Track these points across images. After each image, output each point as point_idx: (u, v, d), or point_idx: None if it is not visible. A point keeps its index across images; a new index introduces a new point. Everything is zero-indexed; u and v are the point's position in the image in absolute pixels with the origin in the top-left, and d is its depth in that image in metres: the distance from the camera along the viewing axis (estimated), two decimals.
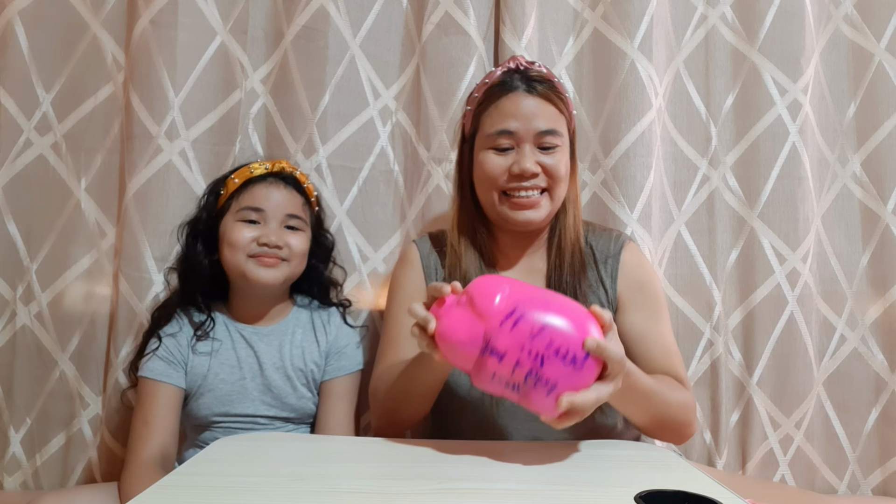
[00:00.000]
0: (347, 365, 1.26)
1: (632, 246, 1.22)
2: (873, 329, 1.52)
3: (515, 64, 1.17)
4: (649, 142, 1.44)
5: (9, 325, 1.39)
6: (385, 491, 0.75)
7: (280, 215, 1.21)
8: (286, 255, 1.20)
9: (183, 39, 1.39)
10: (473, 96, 1.20)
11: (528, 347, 0.81)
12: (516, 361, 0.81)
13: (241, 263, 1.19)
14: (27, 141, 1.41)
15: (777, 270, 1.48)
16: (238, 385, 1.21)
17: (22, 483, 1.39)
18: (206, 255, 1.24)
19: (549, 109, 1.13)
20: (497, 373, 0.82)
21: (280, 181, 1.25)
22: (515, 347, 0.81)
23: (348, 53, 1.46)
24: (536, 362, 0.80)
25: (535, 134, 1.12)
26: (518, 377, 0.82)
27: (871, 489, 1.52)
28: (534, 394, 0.82)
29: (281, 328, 1.26)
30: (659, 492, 0.64)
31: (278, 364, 1.22)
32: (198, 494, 0.72)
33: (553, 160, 1.12)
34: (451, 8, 1.43)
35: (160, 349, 1.20)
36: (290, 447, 0.97)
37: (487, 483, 0.80)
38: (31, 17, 1.41)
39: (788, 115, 1.49)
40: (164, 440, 1.16)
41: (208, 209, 1.27)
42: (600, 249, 1.20)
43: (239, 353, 1.23)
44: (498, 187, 1.14)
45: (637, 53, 1.44)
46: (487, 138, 1.14)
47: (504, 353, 0.81)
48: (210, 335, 1.22)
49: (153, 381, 1.19)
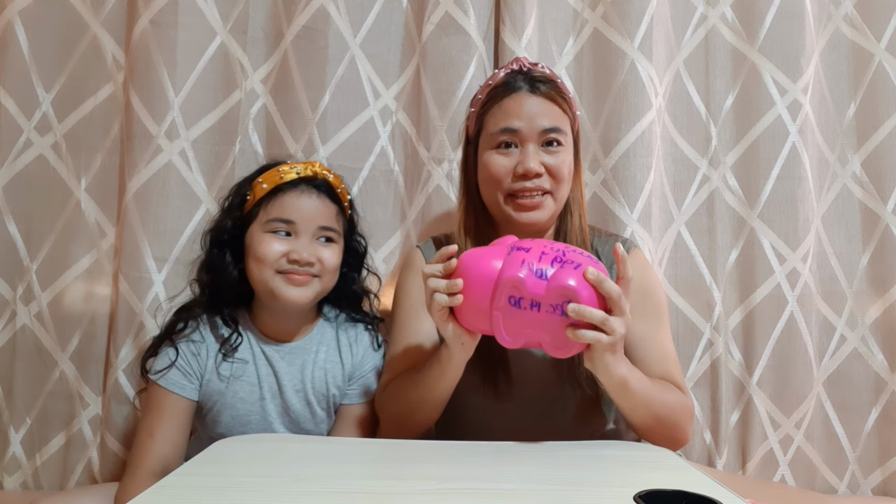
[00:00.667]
0: (370, 391, 1.19)
1: (636, 252, 1.23)
2: (873, 329, 1.52)
3: (518, 65, 1.17)
4: (649, 142, 1.44)
5: (9, 325, 1.39)
6: (385, 491, 0.75)
7: (312, 228, 1.12)
8: (318, 270, 1.11)
9: (183, 39, 1.39)
10: (477, 98, 1.20)
11: (549, 246, 0.92)
12: (541, 251, 0.91)
13: (269, 280, 1.10)
14: (27, 141, 1.41)
15: (777, 270, 1.48)
16: (257, 405, 1.15)
17: (22, 483, 1.39)
18: (234, 265, 1.15)
19: (552, 109, 1.13)
20: (526, 260, 0.89)
21: (313, 189, 1.14)
22: (538, 245, 0.92)
23: (348, 53, 1.46)
24: (559, 252, 0.91)
25: (538, 132, 1.12)
26: (544, 262, 0.89)
27: (871, 489, 1.52)
28: (556, 291, 0.88)
29: (304, 345, 1.18)
30: (658, 492, 0.63)
31: (298, 387, 1.16)
32: (199, 495, 0.72)
33: (557, 160, 1.12)
34: (451, 8, 1.43)
35: (179, 357, 1.13)
36: (291, 448, 0.97)
37: (487, 483, 0.80)
38: (31, 17, 1.41)
39: (788, 115, 1.49)
40: (168, 454, 1.10)
41: (233, 215, 1.16)
42: (606, 254, 1.20)
43: (260, 372, 1.16)
44: (503, 189, 1.13)
45: (637, 53, 1.44)
46: (491, 138, 1.14)
47: (529, 247, 0.91)
48: (236, 351, 1.15)
49: (164, 391, 1.12)
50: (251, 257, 1.12)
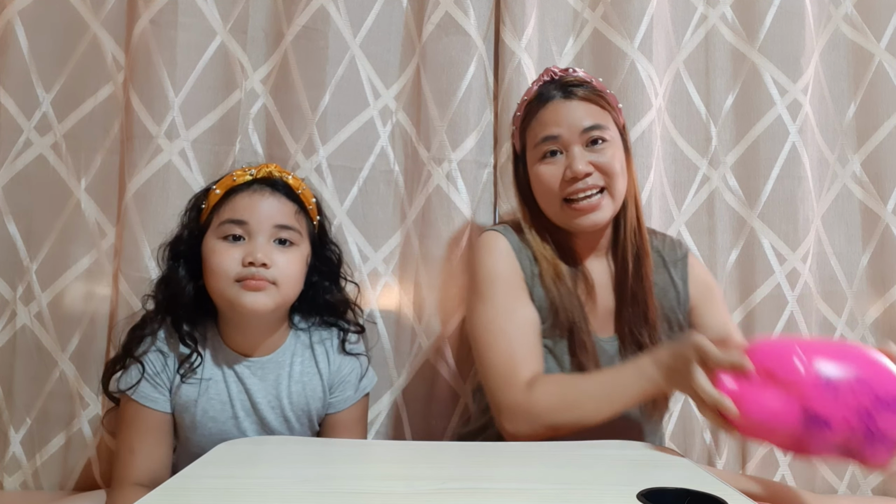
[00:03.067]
0: (353, 395, 1.14)
1: (691, 253, 1.29)
2: (873, 329, 1.52)
3: (550, 75, 1.17)
4: (649, 142, 1.44)
5: (9, 325, 1.38)
6: (386, 491, 0.75)
7: (267, 228, 1.03)
8: (274, 276, 1.02)
9: (183, 39, 1.39)
10: (516, 115, 1.21)
11: (854, 405, 0.77)
12: (847, 424, 0.77)
13: (226, 289, 1.01)
14: (27, 141, 1.40)
15: (777, 270, 1.48)
16: (230, 423, 1.09)
17: (22, 483, 1.38)
18: (189, 280, 1.07)
19: (590, 108, 1.13)
20: (829, 439, 0.79)
21: (266, 188, 1.06)
22: (841, 410, 0.78)
23: (348, 53, 1.46)
24: (867, 418, 0.77)
25: (579, 133, 1.11)
26: (853, 440, 0.78)
27: (871, 489, 1.52)
28: (870, 450, 0.79)
29: (277, 359, 1.10)
30: (662, 490, 0.63)
31: (273, 403, 1.09)
32: (201, 497, 0.72)
33: (604, 157, 1.11)
34: (451, 8, 1.43)
35: (146, 369, 1.06)
36: (292, 450, 0.97)
37: (487, 483, 0.79)
38: (31, 17, 1.41)
39: (788, 115, 1.49)
40: (153, 468, 1.04)
41: (190, 226, 1.10)
42: (668, 253, 1.24)
43: (230, 389, 1.09)
44: (558, 196, 1.13)
45: (637, 53, 1.44)
46: (535, 150, 1.15)
47: (830, 418, 0.78)
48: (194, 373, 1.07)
49: (137, 406, 1.05)
50: (206, 268, 1.04)
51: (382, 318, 1.43)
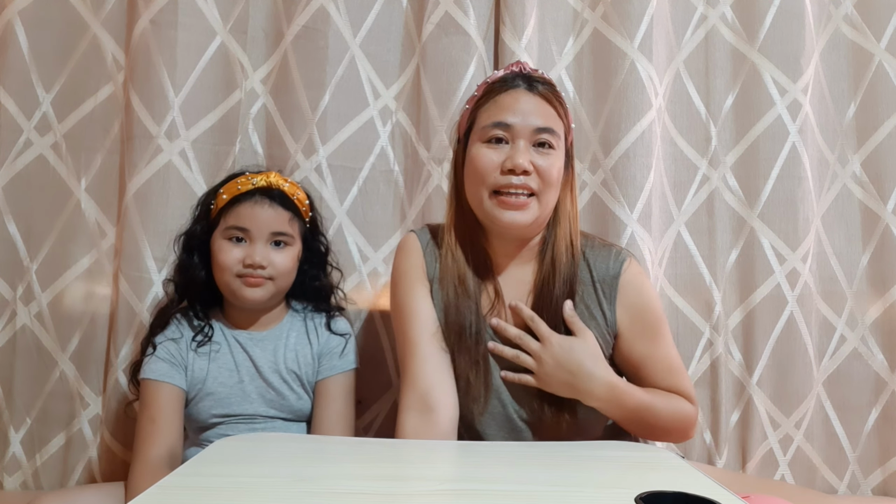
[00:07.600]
0: (340, 364, 1.27)
1: (631, 266, 1.15)
2: (873, 329, 1.52)
3: (519, 68, 1.15)
4: (649, 142, 1.44)
5: (9, 325, 1.39)
6: (385, 492, 0.75)
7: (265, 234, 1.21)
8: (271, 273, 1.21)
9: (183, 39, 1.39)
10: (473, 95, 1.17)
11: None
12: None
13: (230, 282, 1.21)
14: (27, 141, 1.41)
15: (777, 270, 1.48)
16: (237, 388, 1.23)
17: (22, 483, 1.39)
18: (201, 268, 1.25)
19: (548, 110, 1.11)
20: None
21: (266, 199, 1.22)
22: None
23: (348, 53, 1.46)
24: None
25: (531, 130, 1.08)
26: None
27: (871, 489, 1.52)
28: None
29: (276, 333, 1.27)
30: (660, 493, 0.63)
31: (273, 367, 1.24)
32: (198, 495, 0.72)
33: (547, 162, 1.08)
34: (451, 8, 1.43)
35: (160, 351, 1.21)
36: (290, 448, 0.97)
37: (487, 483, 0.80)
38: (31, 17, 1.41)
39: (788, 115, 1.49)
40: (171, 439, 1.17)
41: (201, 222, 1.27)
42: (598, 268, 1.14)
43: (236, 358, 1.24)
44: (488, 184, 1.09)
45: (637, 53, 1.44)
46: (482, 131, 1.10)
47: None
48: (209, 339, 1.25)
49: (156, 382, 1.19)
50: (214, 262, 1.23)
51: (382, 318, 1.43)
